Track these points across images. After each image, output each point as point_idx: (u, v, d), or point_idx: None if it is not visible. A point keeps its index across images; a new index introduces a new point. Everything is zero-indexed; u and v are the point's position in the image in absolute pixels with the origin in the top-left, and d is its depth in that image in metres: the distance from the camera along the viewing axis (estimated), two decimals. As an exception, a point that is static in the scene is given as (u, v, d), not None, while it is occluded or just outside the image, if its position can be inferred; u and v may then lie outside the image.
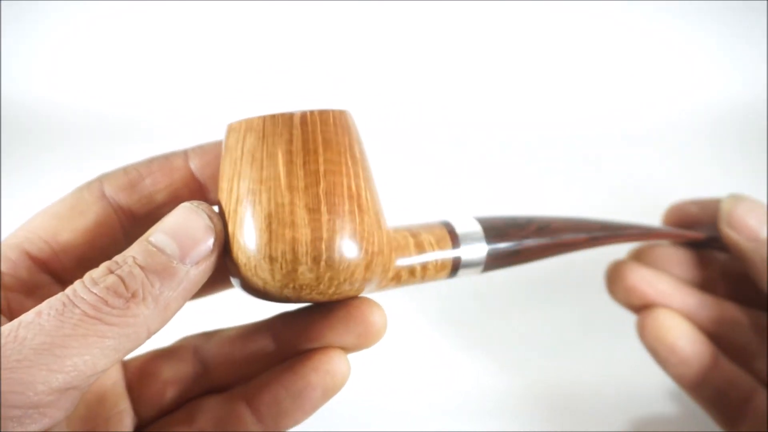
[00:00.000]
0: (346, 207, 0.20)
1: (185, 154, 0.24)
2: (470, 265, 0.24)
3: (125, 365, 0.25)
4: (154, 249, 0.19)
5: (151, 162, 0.24)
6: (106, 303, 0.18)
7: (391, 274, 0.22)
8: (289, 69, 0.62)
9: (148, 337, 0.19)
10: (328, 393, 0.24)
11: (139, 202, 0.23)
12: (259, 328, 0.25)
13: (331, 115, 0.21)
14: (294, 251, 0.20)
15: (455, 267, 0.23)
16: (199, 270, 0.20)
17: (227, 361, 0.25)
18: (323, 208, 0.20)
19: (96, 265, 0.20)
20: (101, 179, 0.23)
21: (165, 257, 0.19)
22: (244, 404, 0.24)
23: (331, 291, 0.21)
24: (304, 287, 0.20)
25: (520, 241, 0.25)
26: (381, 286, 0.23)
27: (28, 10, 0.65)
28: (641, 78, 0.62)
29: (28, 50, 0.65)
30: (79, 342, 0.17)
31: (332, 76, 0.62)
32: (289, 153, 0.20)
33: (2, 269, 0.21)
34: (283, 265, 0.20)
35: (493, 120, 0.60)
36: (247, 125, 0.21)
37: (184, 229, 0.20)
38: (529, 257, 0.25)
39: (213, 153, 0.24)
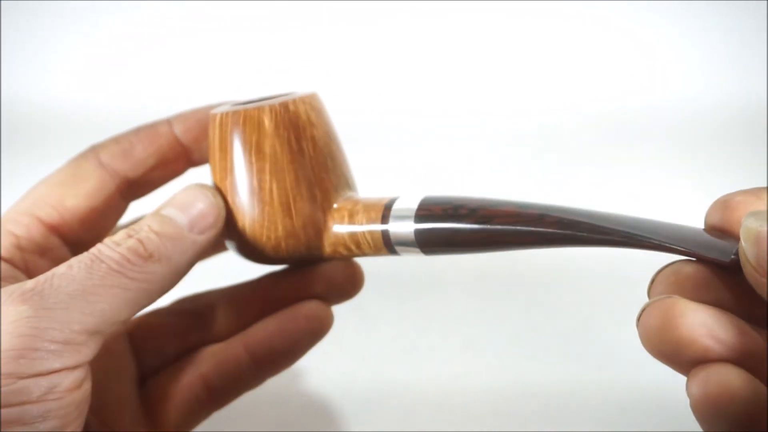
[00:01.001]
0: (246, 199, 0.24)
1: (168, 122, 0.27)
2: (403, 243, 0.23)
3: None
4: (167, 219, 0.22)
5: (138, 131, 0.27)
6: (128, 260, 0.20)
7: (327, 249, 0.25)
8: (289, 66, 0.62)
9: (161, 295, 0.22)
10: (316, 337, 0.27)
11: (132, 167, 0.26)
12: (253, 284, 0.28)
13: (241, 115, 0.23)
14: (232, 235, 0.25)
15: (387, 243, 0.23)
16: (204, 237, 0.23)
17: (225, 313, 0.28)
18: (230, 199, 0.24)
19: (100, 226, 0.25)
20: (95, 149, 0.26)
21: (176, 226, 0.22)
22: (242, 348, 0.27)
23: (263, 257, 0.25)
24: (249, 257, 0.25)
25: (452, 225, 0.22)
26: (325, 257, 0.25)
27: (28, 10, 0.65)
28: (641, 78, 0.62)
29: (28, 50, 0.65)
30: (105, 291, 0.20)
31: (334, 77, 0.62)
32: (212, 148, 0.25)
33: (18, 233, 0.24)
34: (241, 247, 0.25)
35: (498, 116, 0.60)
36: (210, 119, 0.25)
37: (192, 203, 0.23)
38: (465, 246, 0.22)
39: (194, 119, 0.27)
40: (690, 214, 0.51)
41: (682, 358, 0.19)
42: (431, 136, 0.58)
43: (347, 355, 0.39)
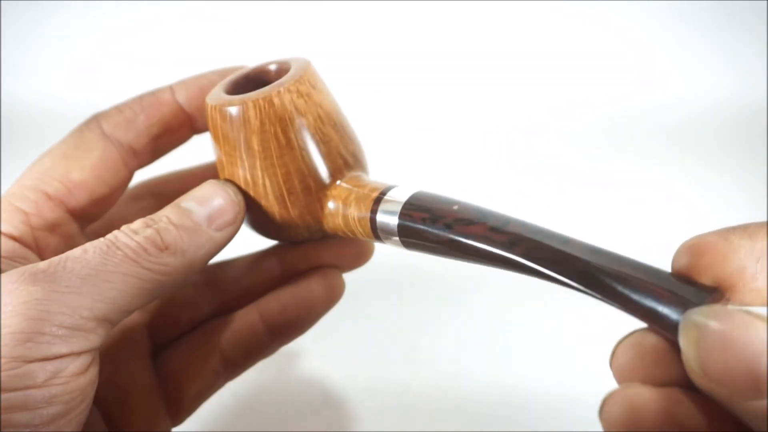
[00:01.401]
0: (248, 193, 0.24)
1: (171, 89, 0.26)
2: (387, 233, 0.23)
3: None
4: (186, 212, 0.22)
5: (141, 99, 0.26)
6: (144, 250, 0.20)
7: (327, 232, 0.25)
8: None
9: (174, 288, 0.22)
10: (330, 303, 0.27)
11: (136, 136, 0.25)
12: (265, 254, 0.28)
13: (227, 113, 0.23)
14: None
15: (374, 230, 0.23)
16: (221, 235, 0.22)
17: (238, 283, 0.28)
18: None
19: (106, 198, 0.25)
20: (98, 119, 0.25)
21: (194, 220, 0.22)
22: (257, 317, 0.27)
23: (287, 240, 0.26)
24: (273, 238, 0.26)
25: (429, 230, 0.22)
26: (330, 234, 0.25)
27: (28, 11, 0.65)
28: (642, 80, 0.62)
29: (28, 50, 0.65)
30: (118, 279, 0.19)
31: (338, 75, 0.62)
32: (213, 139, 0.24)
33: (27, 209, 0.23)
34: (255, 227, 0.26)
35: (505, 117, 0.60)
36: (205, 105, 0.24)
37: (212, 200, 0.22)
38: (439, 253, 0.22)
39: (196, 86, 0.26)
40: (690, 214, 0.51)
41: None
42: (449, 140, 0.58)
43: (347, 355, 0.39)
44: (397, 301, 0.42)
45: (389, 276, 0.42)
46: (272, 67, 0.26)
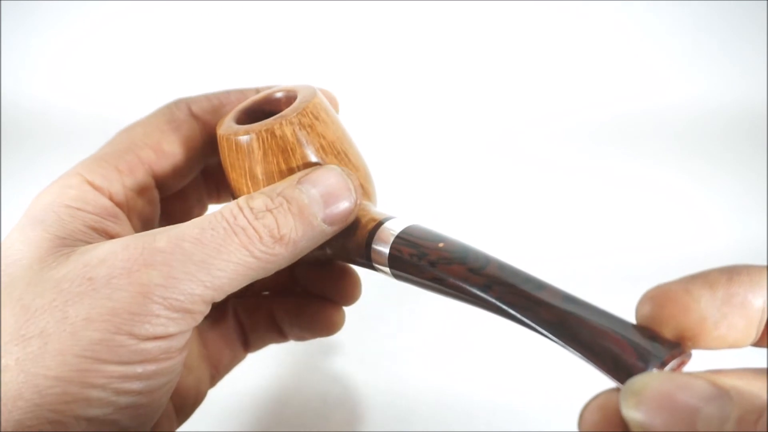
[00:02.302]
0: None
1: (257, 90, 0.27)
2: (380, 264, 0.24)
3: None
4: (306, 203, 0.21)
5: (228, 93, 0.27)
6: (260, 239, 0.20)
7: (328, 252, 0.25)
8: (288, 67, 0.63)
9: (270, 273, 0.21)
10: (330, 333, 0.29)
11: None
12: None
13: (233, 143, 0.24)
14: None
15: (368, 260, 0.24)
16: (332, 230, 0.22)
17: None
18: None
19: (186, 174, 0.25)
20: (187, 101, 0.26)
21: (313, 213, 0.21)
22: (269, 304, 0.28)
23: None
24: None
25: (414, 273, 0.23)
26: (330, 259, 0.26)
27: (28, 12, 0.65)
28: (643, 81, 0.62)
29: (28, 52, 0.65)
30: (231, 267, 0.20)
31: (338, 82, 0.62)
32: (221, 164, 0.25)
33: (122, 169, 0.24)
34: None
35: (506, 119, 0.60)
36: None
37: (335, 193, 0.22)
38: (423, 284, 0.23)
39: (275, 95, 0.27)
40: (690, 214, 0.51)
41: None
42: (445, 143, 0.58)
43: (347, 354, 0.39)
44: (396, 302, 0.42)
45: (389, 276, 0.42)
46: (280, 95, 0.26)
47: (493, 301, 0.21)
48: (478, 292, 0.21)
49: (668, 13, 0.62)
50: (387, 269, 0.23)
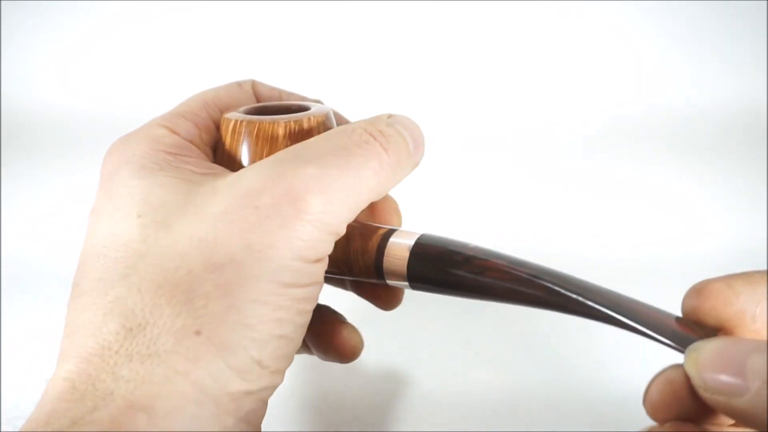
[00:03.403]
0: None
1: (316, 101, 0.28)
2: (394, 275, 0.23)
3: None
4: (400, 134, 0.23)
5: (291, 94, 0.29)
6: (408, 151, 0.23)
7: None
8: (287, 68, 0.63)
9: (373, 198, 0.22)
10: (348, 358, 0.28)
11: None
12: None
13: (255, 125, 0.24)
14: None
15: (379, 272, 0.24)
16: (407, 170, 0.23)
17: None
18: None
19: None
20: (253, 81, 0.28)
21: (406, 144, 0.23)
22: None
23: None
24: None
25: (445, 274, 0.22)
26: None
27: (28, 12, 0.65)
28: (641, 79, 0.62)
29: (28, 51, 0.65)
30: (364, 192, 0.21)
31: (336, 80, 0.62)
32: (222, 153, 0.25)
33: (199, 124, 0.25)
34: None
35: (508, 121, 0.60)
36: (223, 121, 0.25)
37: (417, 139, 0.24)
38: (456, 293, 0.23)
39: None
40: (690, 214, 0.51)
41: None
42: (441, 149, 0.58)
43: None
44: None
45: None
46: (293, 104, 0.27)
47: (549, 285, 0.21)
48: (524, 288, 0.21)
49: (667, 12, 0.62)
50: (402, 275, 0.23)
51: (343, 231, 0.21)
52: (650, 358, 0.37)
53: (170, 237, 0.20)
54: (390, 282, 0.24)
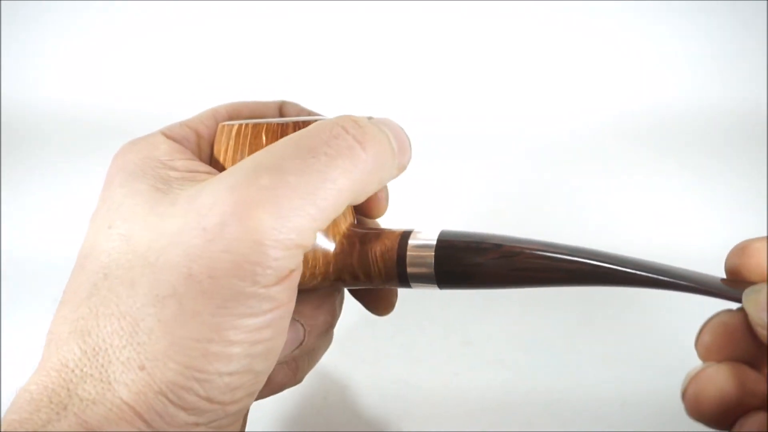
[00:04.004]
0: None
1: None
2: (419, 277, 0.22)
3: None
4: (385, 133, 0.21)
5: (301, 110, 0.28)
6: (392, 152, 0.21)
7: (332, 276, 0.23)
8: (287, 68, 0.63)
9: (370, 193, 0.21)
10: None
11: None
12: None
13: (262, 127, 0.23)
14: None
15: (402, 275, 0.22)
16: (391, 173, 0.22)
17: None
18: None
19: None
20: (282, 102, 0.28)
21: (391, 145, 0.21)
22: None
23: None
24: None
25: (476, 265, 0.21)
26: (323, 280, 0.23)
27: (28, 11, 0.65)
28: (641, 79, 0.62)
29: (28, 51, 0.65)
30: (333, 193, 0.19)
31: (337, 78, 0.62)
32: (225, 159, 0.23)
33: (201, 131, 0.25)
34: None
35: (507, 122, 0.60)
36: (222, 130, 0.24)
37: (401, 140, 0.22)
38: (488, 283, 0.22)
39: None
40: (690, 214, 0.51)
41: (726, 421, 0.20)
42: (440, 149, 0.58)
43: (346, 354, 0.39)
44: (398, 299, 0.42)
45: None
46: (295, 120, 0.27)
47: (591, 261, 0.20)
48: (569, 256, 0.20)
49: (668, 12, 0.62)
50: (430, 279, 0.22)
51: (309, 242, 0.19)
52: (650, 358, 0.37)
53: (127, 256, 0.19)
54: (414, 285, 0.22)
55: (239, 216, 0.18)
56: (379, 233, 0.23)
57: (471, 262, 0.21)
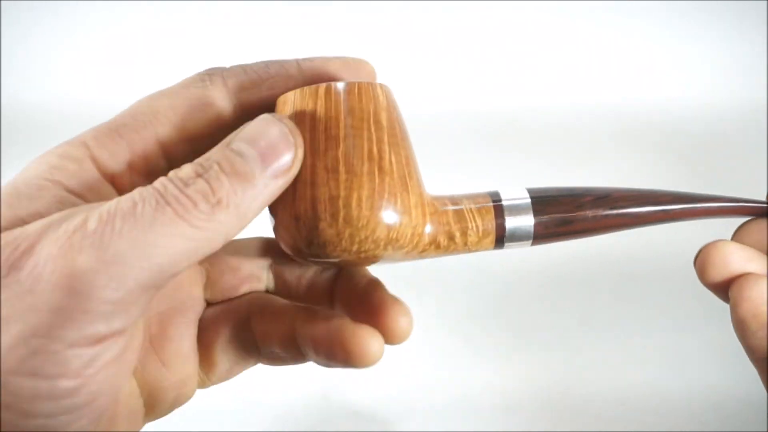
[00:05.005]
0: (365, 168, 0.22)
1: (297, 63, 0.24)
2: (517, 236, 0.23)
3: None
4: (239, 158, 0.19)
5: (267, 66, 0.24)
6: (195, 206, 0.18)
7: (426, 239, 0.23)
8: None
9: (224, 243, 0.19)
10: (364, 364, 0.24)
11: (256, 103, 0.23)
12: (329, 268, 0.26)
13: (356, 86, 0.22)
14: (314, 208, 0.21)
15: (500, 238, 0.23)
16: (277, 184, 0.20)
17: (301, 277, 0.26)
18: (341, 168, 0.21)
19: (203, 153, 0.21)
20: (222, 74, 0.23)
21: (248, 167, 0.19)
22: (291, 318, 0.25)
23: (354, 248, 0.22)
24: (328, 244, 0.22)
25: (573, 212, 0.24)
26: (420, 251, 0.23)
27: (28, 11, 0.65)
28: (642, 79, 0.62)
29: (28, 50, 0.65)
30: (167, 241, 0.18)
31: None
32: (312, 120, 0.22)
33: (136, 147, 0.22)
34: (306, 222, 0.22)
35: (505, 118, 0.60)
36: (284, 99, 0.23)
37: (266, 140, 0.20)
38: (586, 229, 0.24)
39: (322, 69, 0.24)
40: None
41: (726, 278, 0.24)
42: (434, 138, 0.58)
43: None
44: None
45: (389, 271, 0.42)
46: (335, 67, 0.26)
47: (672, 207, 0.25)
48: (659, 206, 0.25)
49: (667, 12, 0.62)
50: (527, 236, 0.24)
51: (140, 297, 0.18)
52: (650, 358, 0.37)
53: None
54: (508, 244, 0.23)
55: (54, 257, 0.17)
56: (467, 198, 0.24)
57: (570, 207, 0.24)
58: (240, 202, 0.19)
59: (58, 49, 0.65)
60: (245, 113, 0.23)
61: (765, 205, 0.26)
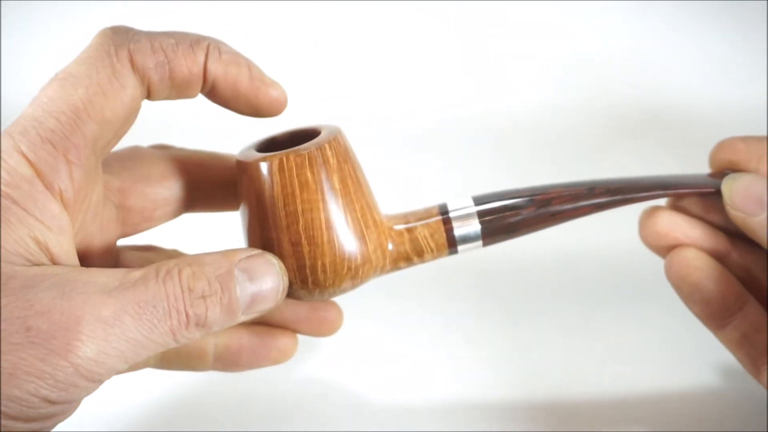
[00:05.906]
0: (325, 237, 0.24)
1: (207, 44, 0.24)
2: (467, 240, 0.26)
3: None
4: (237, 296, 0.21)
5: (177, 45, 0.23)
6: (186, 325, 0.21)
7: (389, 267, 0.27)
8: (283, 68, 0.63)
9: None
10: (277, 363, 0.30)
11: (160, 81, 0.23)
12: None
13: (306, 157, 0.24)
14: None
15: (452, 243, 0.26)
16: (245, 318, 0.22)
17: None
18: (303, 241, 0.24)
19: (121, 136, 0.23)
20: (129, 50, 0.22)
21: (239, 307, 0.22)
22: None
23: (326, 297, 0.25)
24: (303, 297, 0.25)
25: (515, 214, 0.26)
26: (385, 273, 0.27)
27: (28, 11, 0.65)
28: (642, 79, 0.62)
29: (28, 50, 0.65)
30: (152, 345, 0.20)
31: (326, 81, 0.62)
32: (272, 197, 0.24)
33: (71, 157, 0.21)
34: None
35: (485, 110, 0.60)
36: (240, 167, 0.25)
37: (263, 294, 0.22)
38: (529, 229, 0.27)
39: (231, 61, 0.24)
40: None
41: (661, 245, 0.30)
42: (429, 138, 0.58)
43: (346, 353, 0.39)
44: (399, 297, 0.42)
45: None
46: (298, 130, 0.27)
47: (606, 199, 0.27)
48: (590, 200, 0.27)
49: (667, 12, 0.62)
50: (476, 239, 0.26)
51: (110, 376, 0.20)
52: (650, 358, 0.37)
53: None
54: (461, 248, 0.26)
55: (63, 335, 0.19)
56: (418, 216, 0.27)
57: (512, 218, 0.26)
58: (217, 326, 0.21)
59: (58, 49, 0.65)
60: (154, 91, 0.24)
61: (693, 190, 0.29)
